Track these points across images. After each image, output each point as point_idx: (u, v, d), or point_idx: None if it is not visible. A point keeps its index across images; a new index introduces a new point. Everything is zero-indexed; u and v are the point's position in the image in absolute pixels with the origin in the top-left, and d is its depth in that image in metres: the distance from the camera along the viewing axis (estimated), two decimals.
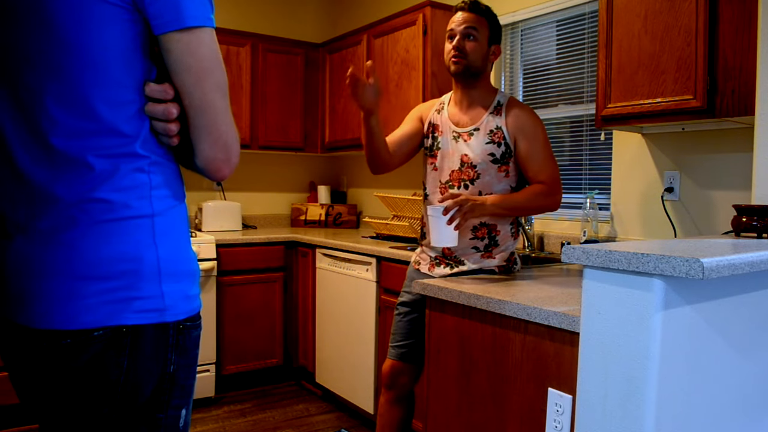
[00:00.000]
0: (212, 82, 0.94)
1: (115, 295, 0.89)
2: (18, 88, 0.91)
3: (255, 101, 3.96)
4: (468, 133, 2.06)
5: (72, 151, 0.89)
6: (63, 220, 0.89)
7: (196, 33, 0.91)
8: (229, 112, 0.98)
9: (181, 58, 0.91)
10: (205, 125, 0.95)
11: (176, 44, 0.90)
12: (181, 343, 0.96)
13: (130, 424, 0.93)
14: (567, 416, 1.43)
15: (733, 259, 1.13)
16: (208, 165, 0.98)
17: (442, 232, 1.87)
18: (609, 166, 2.68)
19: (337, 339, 3.34)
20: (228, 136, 0.97)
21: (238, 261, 3.58)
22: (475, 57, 2.02)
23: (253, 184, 4.38)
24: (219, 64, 0.95)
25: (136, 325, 0.90)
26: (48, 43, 0.87)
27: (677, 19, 1.98)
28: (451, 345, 1.76)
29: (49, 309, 0.88)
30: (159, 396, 0.95)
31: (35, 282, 0.89)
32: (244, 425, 3.16)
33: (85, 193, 0.89)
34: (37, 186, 0.91)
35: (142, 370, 0.92)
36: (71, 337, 0.88)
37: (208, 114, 0.94)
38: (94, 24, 0.87)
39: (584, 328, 1.27)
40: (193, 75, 0.92)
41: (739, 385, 1.37)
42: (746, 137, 2.13)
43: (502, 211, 1.96)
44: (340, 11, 4.62)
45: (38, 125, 0.90)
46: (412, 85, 3.28)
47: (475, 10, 2.05)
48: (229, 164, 0.99)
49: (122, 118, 0.91)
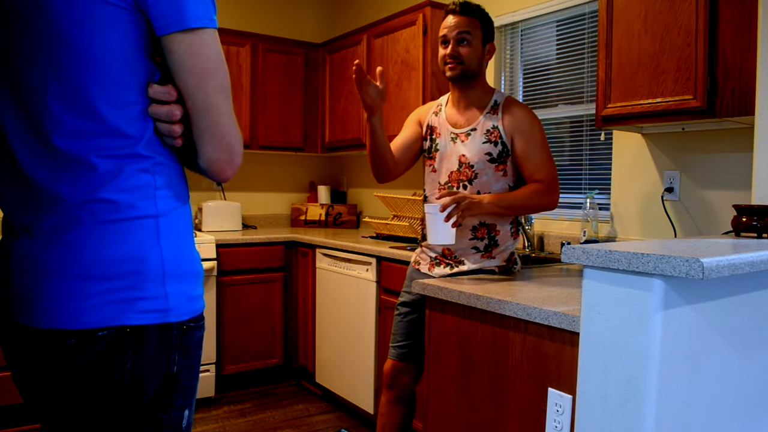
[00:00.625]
0: (215, 83, 0.94)
1: (119, 296, 0.89)
2: (20, 88, 0.91)
3: (255, 101, 3.96)
4: (465, 133, 2.06)
5: (75, 152, 0.89)
6: (67, 220, 0.89)
7: (199, 34, 0.91)
8: (232, 114, 0.98)
9: (183, 59, 0.91)
10: (208, 126, 0.95)
11: (178, 45, 0.90)
12: (184, 343, 0.96)
13: (133, 425, 0.93)
14: (567, 416, 1.43)
15: (733, 259, 1.13)
16: (211, 166, 0.98)
17: (440, 229, 1.88)
18: (609, 166, 2.68)
19: (337, 339, 3.34)
20: (231, 137, 0.97)
21: (238, 261, 3.58)
22: (471, 61, 2.03)
23: (253, 184, 4.38)
24: (222, 65, 0.95)
25: (140, 326, 0.90)
26: (50, 43, 0.87)
27: (677, 19, 1.98)
28: (451, 345, 1.76)
29: (53, 309, 0.88)
30: (162, 396, 0.95)
31: (39, 282, 0.89)
32: (244, 425, 3.16)
33: (90, 194, 0.89)
34: (41, 187, 0.91)
35: (145, 371, 0.92)
36: (75, 337, 0.88)
37: (211, 115, 0.94)
38: (95, 25, 0.87)
39: (584, 328, 1.27)
40: (195, 76, 0.92)
41: (739, 385, 1.37)
42: (746, 137, 2.13)
43: (500, 209, 1.96)
44: (340, 11, 4.62)
45: (41, 126, 0.90)
46: (412, 85, 3.28)
47: (466, 12, 2.04)
48: (232, 165, 0.99)
49: (125, 119, 0.91)
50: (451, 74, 2.04)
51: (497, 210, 1.96)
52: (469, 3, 2.06)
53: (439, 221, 1.87)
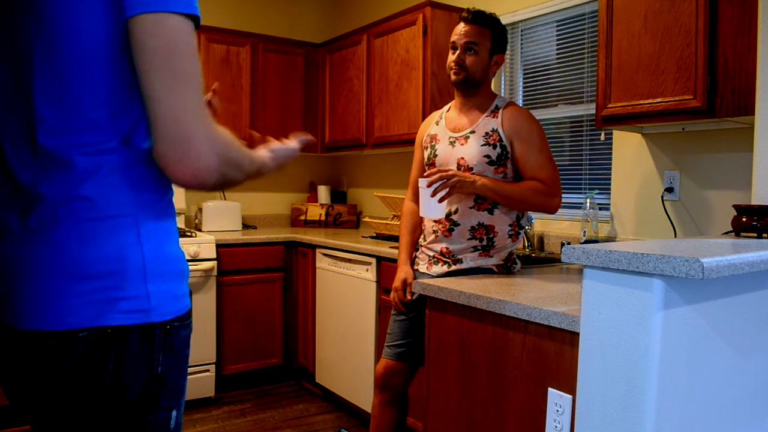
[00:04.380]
0: (170, 67, 0.85)
1: (100, 296, 0.87)
2: (13, 84, 0.91)
3: (255, 101, 3.96)
4: (464, 136, 2.07)
5: (56, 149, 0.88)
6: (47, 218, 0.88)
7: (161, 16, 0.85)
8: (195, 107, 0.87)
9: (139, 39, 0.85)
10: (157, 114, 0.86)
11: (137, 26, 0.85)
12: (168, 343, 0.94)
13: (119, 426, 0.91)
14: (567, 416, 1.43)
15: (733, 259, 1.13)
16: (160, 163, 0.89)
17: (428, 203, 1.94)
18: (609, 166, 2.68)
19: (337, 339, 3.33)
20: (182, 132, 0.86)
21: (238, 261, 3.57)
22: (475, 70, 2.05)
23: (252, 184, 4.37)
24: (185, 52, 0.86)
25: (122, 326, 0.88)
26: (38, 38, 0.87)
27: (677, 19, 1.98)
28: (451, 345, 1.76)
29: (33, 309, 0.87)
30: (147, 397, 0.93)
31: (19, 282, 0.88)
32: (244, 425, 3.15)
33: (69, 191, 0.88)
34: (24, 184, 0.90)
35: (128, 372, 0.90)
36: (56, 339, 0.86)
37: (161, 102, 0.85)
38: (81, 18, 0.86)
39: (584, 328, 1.27)
40: (147, 56, 0.85)
41: (739, 384, 1.37)
42: (746, 137, 2.13)
43: (493, 194, 1.97)
44: (340, 11, 4.62)
45: (27, 122, 0.89)
46: (412, 85, 3.28)
47: (478, 21, 2.05)
48: (183, 166, 0.87)
49: (106, 114, 0.89)
50: (453, 79, 2.08)
51: (490, 194, 1.98)
52: (483, 12, 2.07)
53: (427, 195, 1.93)
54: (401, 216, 2.36)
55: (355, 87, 3.79)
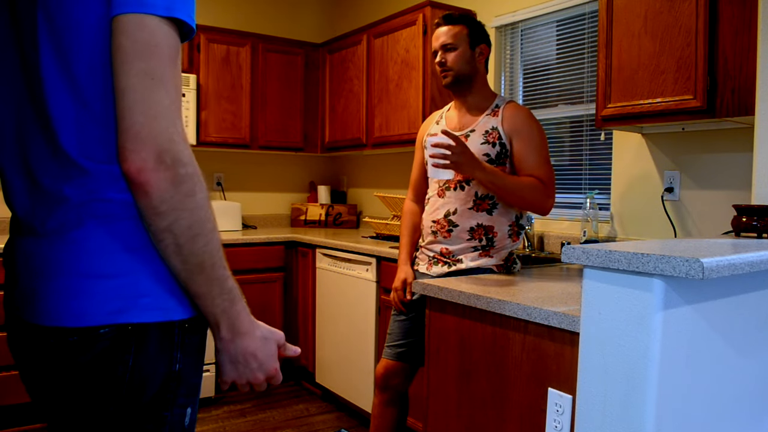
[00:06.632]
0: (141, 66, 0.83)
1: (121, 293, 0.89)
2: (34, 88, 0.91)
3: (255, 101, 3.96)
4: (464, 135, 2.07)
5: (77, 151, 0.89)
6: (70, 219, 0.89)
7: (139, 17, 0.83)
8: (166, 110, 0.84)
9: (115, 38, 0.84)
10: (120, 112, 0.83)
11: (115, 26, 0.84)
12: (186, 341, 0.96)
13: (136, 422, 0.93)
14: (567, 416, 1.43)
15: (733, 259, 1.13)
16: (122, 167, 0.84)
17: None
18: (609, 166, 2.68)
19: (337, 339, 3.33)
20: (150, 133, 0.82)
21: (238, 261, 3.58)
22: (459, 64, 2.06)
23: (252, 184, 4.38)
24: (158, 54, 0.84)
25: (141, 323, 0.90)
26: (53, 39, 0.88)
27: (677, 19, 1.98)
28: (451, 345, 1.76)
29: (56, 306, 0.88)
30: (165, 394, 0.94)
31: (43, 280, 0.90)
32: (244, 425, 3.16)
33: (92, 193, 0.89)
34: (46, 185, 0.91)
35: (147, 368, 0.92)
36: (78, 335, 0.88)
37: (125, 99, 0.83)
38: (86, 21, 0.86)
39: (584, 328, 1.27)
40: (121, 55, 0.83)
41: (739, 384, 1.37)
42: (746, 137, 2.13)
43: (488, 182, 1.93)
44: (340, 11, 4.62)
45: (49, 124, 0.90)
46: (412, 85, 3.28)
47: (449, 21, 2.10)
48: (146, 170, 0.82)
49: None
50: (444, 83, 2.10)
51: (486, 181, 1.94)
52: (452, 14, 2.12)
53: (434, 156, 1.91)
54: (401, 216, 2.36)
55: (355, 87, 3.79)
